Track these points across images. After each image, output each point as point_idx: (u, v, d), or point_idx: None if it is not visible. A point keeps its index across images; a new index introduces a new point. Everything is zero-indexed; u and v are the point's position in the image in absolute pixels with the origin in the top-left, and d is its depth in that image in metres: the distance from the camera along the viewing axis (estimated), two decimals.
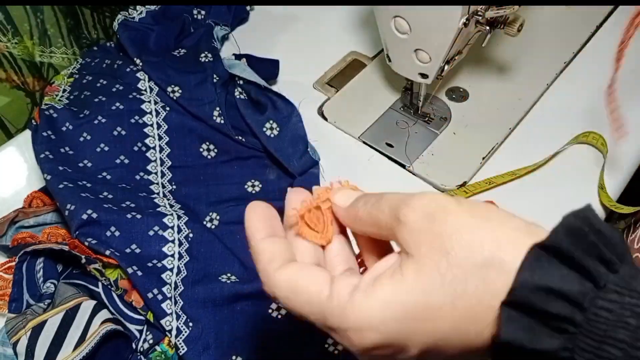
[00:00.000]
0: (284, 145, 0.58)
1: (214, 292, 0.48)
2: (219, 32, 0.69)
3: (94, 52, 0.68)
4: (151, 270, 0.48)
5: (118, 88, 0.61)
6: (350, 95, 0.67)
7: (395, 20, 0.53)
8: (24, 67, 0.64)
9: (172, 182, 0.57)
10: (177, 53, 0.66)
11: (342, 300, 0.25)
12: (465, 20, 0.49)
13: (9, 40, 0.61)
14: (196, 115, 0.60)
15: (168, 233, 0.51)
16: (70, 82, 0.65)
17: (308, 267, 0.27)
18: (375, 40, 0.72)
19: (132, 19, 0.69)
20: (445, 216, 0.24)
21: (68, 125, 0.58)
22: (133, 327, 0.47)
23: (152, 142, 0.58)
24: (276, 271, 0.27)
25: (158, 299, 0.46)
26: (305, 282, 0.26)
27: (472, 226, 0.24)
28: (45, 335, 0.45)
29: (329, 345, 0.46)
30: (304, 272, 0.27)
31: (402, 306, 0.24)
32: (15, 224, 0.53)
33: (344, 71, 0.70)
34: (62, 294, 0.48)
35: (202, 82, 0.61)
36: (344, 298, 0.25)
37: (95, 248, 0.48)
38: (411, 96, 0.63)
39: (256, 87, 0.61)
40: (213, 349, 0.46)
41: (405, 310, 0.24)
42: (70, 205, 0.50)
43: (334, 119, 0.64)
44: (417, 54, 0.55)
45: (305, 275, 0.27)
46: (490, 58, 0.68)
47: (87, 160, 0.56)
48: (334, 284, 0.26)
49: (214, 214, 0.55)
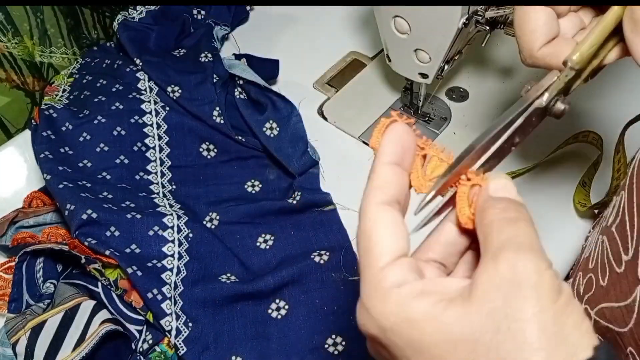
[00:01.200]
0: (284, 145, 0.58)
1: (214, 292, 0.48)
2: (219, 32, 0.69)
3: (94, 52, 0.68)
4: (151, 270, 0.48)
5: (118, 88, 0.61)
6: (350, 95, 0.67)
7: (395, 20, 0.53)
8: (24, 67, 0.64)
9: (171, 182, 0.57)
10: (177, 53, 0.66)
11: (387, 284, 0.24)
12: (465, 20, 0.49)
13: (9, 40, 0.61)
14: (196, 115, 0.60)
15: (168, 233, 0.51)
16: (70, 82, 0.65)
17: (397, 224, 0.25)
18: (375, 40, 0.72)
19: (132, 19, 0.69)
20: (522, 303, 0.22)
21: (68, 125, 0.58)
22: (132, 327, 0.47)
23: (151, 142, 0.58)
24: (374, 203, 0.25)
25: (158, 299, 0.46)
26: (382, 233, 0.25)
27: (532, 344, 0.21)
28: (44, 335, 0.45)
29: (328, 345, 0.46)
30: (390, 226, 0.25)
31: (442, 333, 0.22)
32: (15, 224, 0.53)
33: (344, 71, 0.70)
34: (61, 294, 0.48)
35: (202, 82, 0.61)
36: (390, 284, 0.24)
37: (95, 248, 0.48)
38: (411, 96, 0.63)
39: (256, 87, 0.61)
40: (212, 349, 0.46)
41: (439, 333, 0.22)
42: (70, 205, 0.50)
43: (334, 119, 0.64)
44: (417, 53, 0.55)
45: (389, 230, 0.25)
46: (490, 58, 0.68)
47: (87, 160, 0.56)
48: (401, 265, 0.24)
49: (213, 214, 0.55)
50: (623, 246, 0.35)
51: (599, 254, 0.39)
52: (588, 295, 0.40)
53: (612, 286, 0.36)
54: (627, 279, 0.34)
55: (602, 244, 0.39)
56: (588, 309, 0.39)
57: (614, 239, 0.36)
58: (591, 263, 0.41)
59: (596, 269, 0.39)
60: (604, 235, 0.39)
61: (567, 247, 0.52)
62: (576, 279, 0.44)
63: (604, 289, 0.37)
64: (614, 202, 0.39)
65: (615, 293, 0.35)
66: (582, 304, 0.41)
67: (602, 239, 0.39)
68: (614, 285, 0.36)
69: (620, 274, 0.35)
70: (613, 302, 0.36)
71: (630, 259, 0.34)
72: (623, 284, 0.34)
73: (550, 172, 0.58)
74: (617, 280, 0.35)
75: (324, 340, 0.47)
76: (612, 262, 0.36)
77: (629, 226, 0.34)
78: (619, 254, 0.35)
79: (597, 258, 0.40)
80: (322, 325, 0.47)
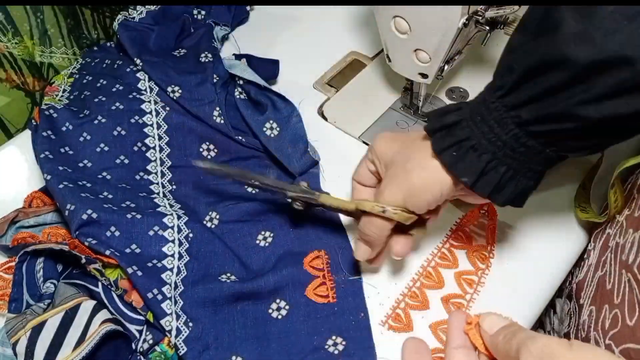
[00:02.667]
0: (284, 145, 0.58)
1: (214, 292, 0.48)
2: (219, 32, 0.69)
3: (94, 52, 0.68)
4: (151, 270, 0.48)
5: (118, 88, 0.61)
6: (350, 95, 0.67)
7: (395, 20, 0.53)
8: (24, 67, 0.64)
9: (172, 182, 0.57)
10: (177, 53, 0.66)
11: None
12: (465, 20, 0.49)
13: (9, 41, 0.61)
14: (196, 115, 0.60)
15: (168, 233, 0.51)
16: (70, 82, 0.65)
17: None
18: (375, 40, 0.72)
19: (132, 19, 0.69)
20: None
21: (68, 125, 0.58)
22: (133, 327, 0.47)
23: (152, 142, 0.58)
24: None
25: (158, 299, 0.46)
26: None
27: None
28: (45, 335, 0.45)
29: (329, 346, 0.46)
30: None
31: None
32: (15, 223, 0.53)
33: (344, 71, 0.70)
34: (61, 294, 0.48)
35: (202, 82, 0.61)
36: None
37: (95, 248, 0.48)
38: (411, 96, 0.63)
39: (256, 87, 0.61)
40: (213, 349, 0.46)
41: None
42: (70, 205, 0.50)
43: (334, 119, 0.64)
44: (417, 53, 0.55)
45: None
46: (490, 58, 0.68)
47: (87, 160, 0.56)
48: None
49: (213, 214, 0.55)
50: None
51: (626, 291, 0.39)
52: (613, 331, 0.40)
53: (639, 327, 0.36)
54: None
55: (628, 282, 0.39)
56: (612, 345, 0.39)
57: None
58: (617, 299, 0.41)
59: (623, 306, 0.39)
60: (628, 272, 0.39)
61: (566, 249, 0.52)
62: (602, 311, 0.43)
63: (631, 329, 0.37)
64: (632, 238, 0.39)
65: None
66: (607, 339, 0.41)
67: (627, 277, 0.39)
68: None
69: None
70: (639, 343, 0.36)
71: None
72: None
73: (550, 173, 0.58)
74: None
75: (325, 341, 0.47)
76: None
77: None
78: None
79: (623, 295, 0.39)
80: (322, 325, 0.47)
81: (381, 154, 0.45)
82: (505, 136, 0.38)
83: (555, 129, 0.36)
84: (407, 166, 0.42)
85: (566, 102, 0.34)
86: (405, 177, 0.42)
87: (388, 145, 0.45)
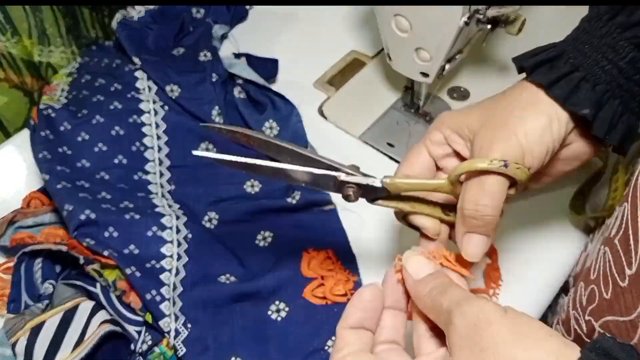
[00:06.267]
0: None
1: (213, 293, 0.48)
2: (218, 31, 0.69)
3: (93, 51, 0.68)
4: (150, 271, 0.48)
5: (116, 87, 0.61)
6: (350, 94, 0.66)
7: (395, 18, 0.53)
8: (22, 67, 0.64)
9: (170, 182, 0.57)
10: (176, 52, 0.66)
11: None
12: (466, 19, 0.49)
13: (7, 40, 0.61)
14: (195, 114, 0.59)
15: (167, 234, 0.50)
16: (68, 82, 0.64)
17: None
18: (375, 39, 0.72)
19: (131, 18, 0.68)
20: (487, 327, 0.27)
21: (66, 125, 0.57)
22: (132, 328, 0.47)
23: (150, 142, 0.58)
24: None
25: (157, 300, 0.46)
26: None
27: (508, 342, 0.26)
28: (43, 336, 0.45)
29: (328, 347, 0.46)
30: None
31: None
32: (14, 224, 0.53)
33: (344, 70, 0.69)
34: (60, 294, 0.48)
35: (201, 81, 0.61)
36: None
37: (93, 248, 0.48)
38: (412, 95, 0.63)
39: (256, 87, 0.61)
40: (212, 350, 0.46)
41: None
42: (69, 205, 0.49)
43: (334, 119, 0.64)
44: (417, 52, 0.54)
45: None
46: (491, 57, 0.68)
47: (85, 160, 0.56)
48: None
49: (212, 214, 0.55)
50: (626, 260, 0.34)
51: (601, 265, 0.39)
52: (591, 307, 0.39)
53: (616, 299, 0.35)
54: (632, 294, 0.33)
55: (604, 255, 0.38)
56: (592, 320, 0.39)
57: (617, 251, 0.36)
58: (593, 274, 0.40)
59: (598, 281, 0.39)
60: (606, 246, 0.38)
61: (564, 254, 0.52)
62: (577, 289, 0.43)
63: (608, 302, 0.37)
64: (617, 213, 0.39)
65: (619, 307, 0.35)
66: (586, 315, 0.40)
67: (604, 250, 0.39)
68: (617, 298, 0.35)
69: (624, 288, 0.34)
70: (617, 315, 0.35)
71: (634, 274, 0.33)
72: (627, 299, 0.34)
73: None
74: (621, 293, 0.35)
75: (324, 342, 0.46)
76: (615, 275, 0.36)
77: (632, 240, 0.34)
78: (622, 267, 0.35)
79: (599, 270, 0.39)
80: (321, 327, 0.47)
81: (462, 125, 0.38)
82: (622, 62, 0.34)
83: None
84: (514, 114, 0.36)
85: None
86: (516, 123, 0.35)
87: (464, 115, 0.39)
